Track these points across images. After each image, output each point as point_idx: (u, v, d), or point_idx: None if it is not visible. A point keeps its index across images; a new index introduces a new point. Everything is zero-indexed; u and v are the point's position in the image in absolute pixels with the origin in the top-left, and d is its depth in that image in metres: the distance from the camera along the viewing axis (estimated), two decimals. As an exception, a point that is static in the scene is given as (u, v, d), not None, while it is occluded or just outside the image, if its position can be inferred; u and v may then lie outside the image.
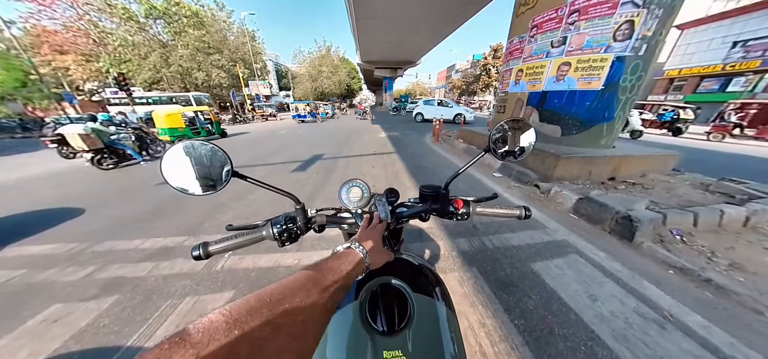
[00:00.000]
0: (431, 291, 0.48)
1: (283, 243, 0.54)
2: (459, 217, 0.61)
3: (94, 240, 2.28)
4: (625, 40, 3.07)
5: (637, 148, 4.23)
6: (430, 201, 0.64)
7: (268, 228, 0.53)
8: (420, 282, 0.49)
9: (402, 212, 0.64)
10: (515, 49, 4.58)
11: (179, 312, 1.44)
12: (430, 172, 4.25)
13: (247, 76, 24.01)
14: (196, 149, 0.41)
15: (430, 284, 0.50)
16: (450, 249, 1.98)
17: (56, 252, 2.17)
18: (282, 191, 0.52)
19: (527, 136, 0.56)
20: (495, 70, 33.24)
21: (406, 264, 0.55)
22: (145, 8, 19.09)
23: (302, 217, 0.55)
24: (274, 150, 6.53)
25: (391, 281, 0.45)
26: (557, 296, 1.51)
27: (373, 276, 0.47)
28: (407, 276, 0.49)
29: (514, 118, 0.56)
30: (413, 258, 0.57)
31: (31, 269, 1.95)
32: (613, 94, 3.36)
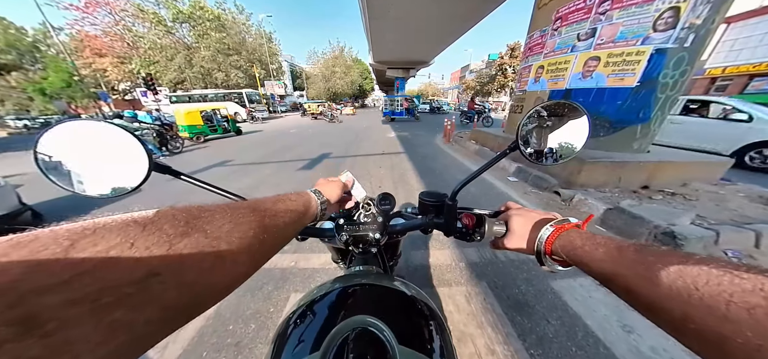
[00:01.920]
0: (425, 342, 0.34)
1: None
2: (469, 238, 0.46)
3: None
4: (667, 30, 2.70)
5: (676, 153, 3.76)
6: (433, 214, 0.50)
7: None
8: (411, 328, 0.36)
9: (396, 224, 0.51)
10: (536, 44, 4.26)
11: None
12: (439, 173, 4.05)
13: (263, 76, 24.88)
14: (96, 133, 0.29)
15: (426, 329, 0.36)
16: (457, 259, 1.80)
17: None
18: (225, 192, 0.40)
19: (576, 128, 0.37)
20: (512, 69, 31.90)
21: (394, 297, 0.41)
22: (173, 13, 20.36)
23: None
24: (283, 148, 6.61)
25: (370, 325, 0.31)
26: (582, 323, 1.29)
27: (346, 310, 0.35)
28: (393, 314, 0.36)
29: (557, 101, 0.38)
30: (407, 286, 0.44)
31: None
32: (650, 91, 2.98)
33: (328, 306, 0.38)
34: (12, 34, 27.63)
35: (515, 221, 0.39)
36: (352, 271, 0.51)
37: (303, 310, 0.38)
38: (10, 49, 26.97)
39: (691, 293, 0.16)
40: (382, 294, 0.41)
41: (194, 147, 7.41)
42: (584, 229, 0.32)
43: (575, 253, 0.29)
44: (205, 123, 8.51)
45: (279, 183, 3.69)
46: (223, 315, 1.36)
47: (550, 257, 0.32)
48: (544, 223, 0.34)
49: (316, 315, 0.37)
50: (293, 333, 0.35)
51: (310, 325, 0.36)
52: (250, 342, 1.22)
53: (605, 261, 0.25)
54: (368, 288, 0.42)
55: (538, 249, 0.33)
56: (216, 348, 1.20)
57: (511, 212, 0.41)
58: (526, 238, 0.36)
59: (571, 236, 0.30)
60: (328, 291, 0.40)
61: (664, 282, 0.18)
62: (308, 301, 0.39)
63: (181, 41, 21.16)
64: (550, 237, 0.32)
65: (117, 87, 24.86)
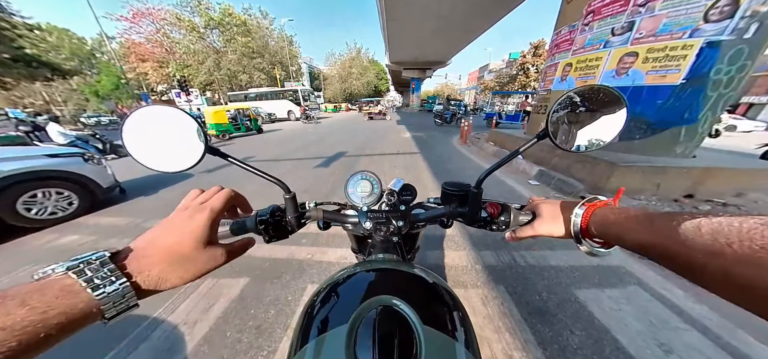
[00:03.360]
0: (449, 326, 0.34)
1: (270, 239, 0.46)
2: (494, 227, 0.46)
3: (140, 219, 2.63)
4: (722, 19, 2.40)
5: (728, 158, 3.33)
6: (456, 203, 0.50)
7: (251, 220, 0.45)
8: (434, 311, 0.35)
9: (418, 214, 0.52)
10: (563, 41, 4.01)
11: (199, 293, 1.52)
12: (455, 174, 3.97)
13: (283, 78, 26.03)
14: (164, 117, 0.34)
15: (449, 315, 0.36)
16: (473, 261, 1.76)
17: (118, 224, 2.54)
18: (268, 176, 0.44)
19: (610, 115, 0.35)
20: (535, 69, 30.23)
21: (415, 282, 0.42)
22: (205, 20, 22.03)
23: (293, 210, 0.47)
24: (302, 146, 6.87)
25: (395, 305, 0.32)
26: (611, 337, 1.20)
27: (370, 291, 0.36)
28: (416, 298, 0.36)
29: (591, 85, 0.36)
30: (426, 273, 0.44)
31: (99, 237, 2.31)
32: (698, 89, 2.67)
33: (353, 286, 0.40)
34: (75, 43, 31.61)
35: (544, 208, 0.39)
36: (372, 258, 0.52)
37: (329, 290, 0.40)
38: (73, 56, 30.91)
39: (724, 250, 0.17)
40: (404, 279, 0.42)
41: (219, 144, 7.96)
42: (615, 204, 0.31)
43: (610, 229, 0.28)
44: (230, 122, 9.12)
45: (297, 179, 3.84)
46: (245, 300, 1.46)
47: (588, 239, 0.32)
48: (574, 205, 0.34)
49: (343, 294, 0.39)
50: (321, 309, 0.37)
51: (337, 302, 0.38)
52: (269, 327, 1.28)
53: (640, 231, 0.25)
54: (391, 272, 0.43)
55: (575, 230, 0.32)
56: (238, 328, 1.28)
57: (537, 201, 0.42)
58: (559, 221, 0.35)
59: (604, 212, 0.30)
60: (353, 273, 0.42)
61: (698, 244, 0.19)
62: (333, 282, 0.41)
63: (211, 46, 22.82)
64: (585, 216, 0.31)
65: (155, 89, 27.45)
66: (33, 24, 19.25)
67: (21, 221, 2.32)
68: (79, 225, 2.53)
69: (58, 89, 36.97)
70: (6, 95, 28.91)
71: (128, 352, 1.19)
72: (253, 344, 1.20)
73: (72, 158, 2.64)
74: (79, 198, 2.63)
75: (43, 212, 2.46)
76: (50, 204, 2.48)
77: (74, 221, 2.59)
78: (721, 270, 0.17)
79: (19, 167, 2.30)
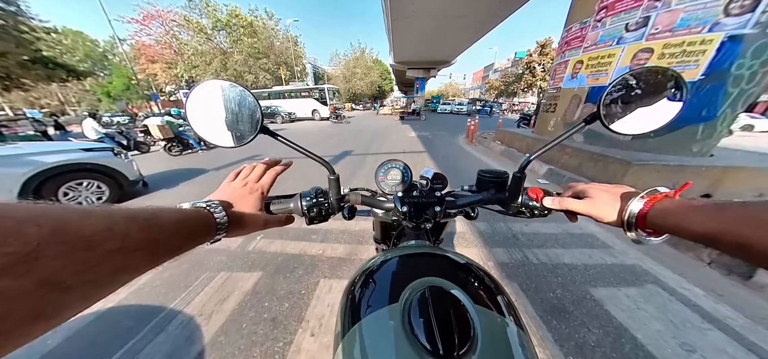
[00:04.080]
0: (497, 305, 0.34)
1: (312, 221, 0.47)
2: (536, 213, 0.45)
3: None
4: (744, 13, 2.33)
5: (748, 158, 3.22)
6: (493, 190, 0.50)
7: (296, 202, 0.46)
8: (480, 292, 0.35)
9: (452, 201, 0.51)
10: (574, 38, 3.94)
11: (214, 285, 1.55)
12: (463, 173, 3.94)
13: (288, 78, 26.27)
14: (226, 91, 0.35)
15: (494, 295, 0.36)
16: (485, 257, 1.74)
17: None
18: (315, 156, 0.45)
19: (666, 97, 0.34)
20: (541, 68, 29.76)
21: (456, 264, 0.41)
22: (212, 22, 22.40)
23: (335, 192, 0.48)
24: (306, 144, 6.91)
25: (444, 284, 0.32)
26: (630, 335, 1.17)
27: (414, 274, 0.36)
28: (460, 279, 0.36)
29: (650, 68, 0.35)
30: (456, 255, 0.43)
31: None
32: (718, 85, 2.59)
33: (394, 270, 0.40)
34: (88, 45, 32.57)
35: (596, 192, 0.37)
36: (406, 244, 0.53)
37: (368, 275, 0.40)
38: (86, 58, 31.87)
39: None
40: (445, 262, 0.42)
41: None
42: (676, 197, 0.31)
43: (669, 220, 0.28)
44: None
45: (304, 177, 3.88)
46: (259, 293, 1.48)
47: (640, 229, 0.31)
48: (631, 195, 0.33)
49: (385, 277, 0.39)
50: (366, 291, 0.37)
51: (382, 285, 0.38)
52: (284, 320, 1.30)
53: (707, 221, 0.24)
54: (430, 256, 0.43)
55: (629, 219, 0.32)
56: (254, 321, 1.30)
57: (589, 186, 0.40)
58: (613, 208, 0.34)
59: (663, 204, 0.30)
60: (390, 258, 0.41)
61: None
62: (370, 268, 0.41)
63: (218, 47, 23.21)
64: (643, 210, 0.31)
65: (164, 89, 28.08)
66: (50, 27, 19.92)
67: None
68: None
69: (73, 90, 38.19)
70: (24, 96, 30.00)
71: (147, 342, 1.22)
72: (269, 335, 1.22)
73: (104, 152, 2.87)
74: (109, 189, 2.86)
75: (81, 202, 2.68)
76: (86, 193, 2.74)
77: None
78: None
79: (62, 159, 2.53)
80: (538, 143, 4.39)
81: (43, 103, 39.37)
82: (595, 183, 0.39)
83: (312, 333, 1.22)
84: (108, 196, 2.86)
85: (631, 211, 0.31)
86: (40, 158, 2.44)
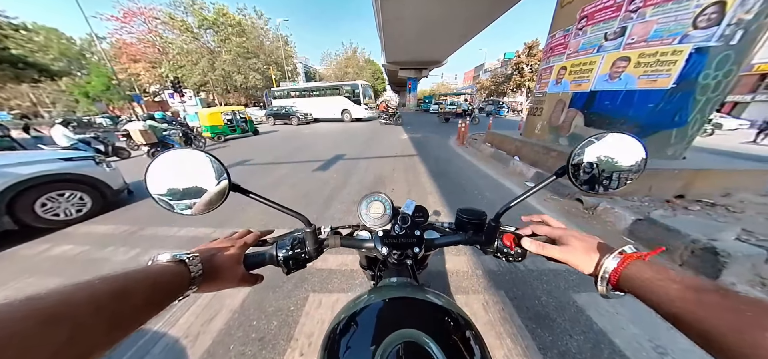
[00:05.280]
0: (470, 353, 0.35)
1: (289, 271, 0.47)
2: (511, 258, 0.46)
3: (143, 224, 2.58)
4: (710, 26, 2.48)
5: (717, 159, 3.44)
6: (472, 231, 0.51)
7: (271, 252, 0.46)
8: (454, 342, 0.36)
9: (435, 239, 0.53)
10: (558, 45, 4.08)
11: (200, 304, 1.51)
12: (454, 176, 4.00)
13: (278, 78, 25.80)
14: (186, 160, 0.35)
15: (467, 344, 0.37)
16: (474, 266, 1.78)
17: (113, 233, 2.49)
18: (290, 211, 0.44)
19: (630, 158, 0.38)
20: (529, 68, 30.62)
21: (433, 310, 0.42)
22: (199, 20, 21.69)
23: (312, 241, 0.48)
24: (298, 148, 6.82)
25: (419, 339, 0.33)
26: (609, 340, 1.23)
27: (392, 322, 0.37)
28: (435, 328, 0.37)
29: (610, 131, 0.39)
30: (439, 298, 0.45)
31: (93, 246, 2.26)
32: (688, 93, 2.75)
33: (373, 317, 0.40)
34: (64, 44, 30.79)
35: (574, 241, 0.38)
36: (387, 282, 0.53)
37: (348, 321, 0.40)
38: (62, 57, 30.10)
39: None
40: (422, 308, 0.42)
41: (215, 146, 7.85)
42: (646, 260, 0.30)
43: (644, 286, 0.27)
44: (226, 123, 9.01)
45: (295, 184, 3.81)
46: (247, 311, 1.45)
47: (610, 284, 0.31)
48: (606, 251, 0.33)
49: (364, 326, 0.39)
50: (342, 342, 0.37)
51: (358, 335, 0.38)
52: (272, 339, 1.28)
53: (680, 300, 0.23)
54: (409, 301, 0.43)
55: (604, 275, 0.32)
56: (242, 341, 1.28)
57: (567, 233, 0.40)
58: (591, 261, 0.35)
59: (638, 267, 0.29)
60: (370, 304, 0.42)
61: (758, 339, 0.17)
62: (351, 313, 0.41)
63: (205, 46, 22.49)
64: (618, 268, 0.31)
65: (148, 89, 26.91)
66: (18, 24, 18.66)
67: (39, 222, 2.42)
68: (67, 235, 2.48)
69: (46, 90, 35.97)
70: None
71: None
72: (257, 356, 1.19)
73: (85, 161, 2.74)
74: (92, 200, 2.74)
75: (59, 214, 2.55)
76: (66, 205, 2.59)
77: (66, 231, 2.54)
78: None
79: (38, 171, 2.39)
80: (525, 146, 4.52)
81: (12, 103, 36.87)
82: (572, 231, 0.40)
83: (301, 352, 1.21)
84: (90, 207, 2.73)
85: (606, 268, 0.31)
86: (14, 169, 2.29)
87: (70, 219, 2.61)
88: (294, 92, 16.85)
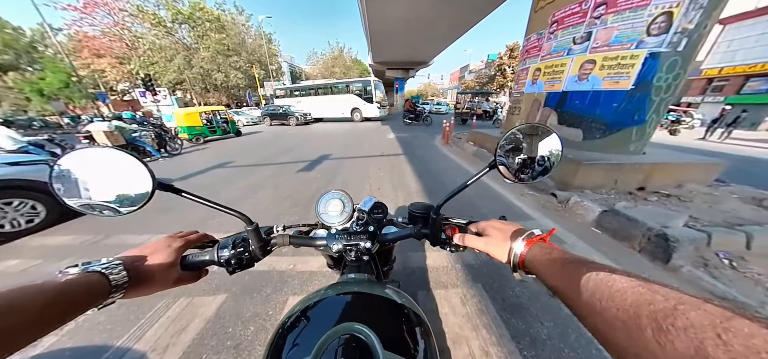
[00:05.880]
0: (411, 348, 0.36)
1: (233, 270, 0.45)
2: (452, 249, 0.48)
3: (107, 233, 2.38)
4: (660, 34, 2.74)
5: (671, 154, 3.80)
6: (421, 224, 0.53)
7: (213, 254, 0.44)
8: (397, 334, 0.37)
9: (387, 234, 0.54)
10: (533, 47, 4.29)
11: (171, 314, 1.42)
12: (437, 174, 4.09)
13: (262, 77, 24.86)
14: (102, 158, 0.32)
15: (412, 337, 0.38)
16: (453, 260, 1.83)
17: (72, 244, 2.27)
18: (227, 209, 0.42)
19: (550, 148, 0.40)
20: (511, 70, 32.00)
21: (383, 304, 0.43)
22: (172, 14, 20.32)
23: (256, 240, 0.46)
24: (283, 150, 6.63)
25: (358, 332, 0.33)
26: (575, 324, 1.32)
27: (338, 317, 0.37)
28: (381, 322, 0.38)
29: (530, 124, 0.41)
30: (397, 294, 0.45)
31: (46, 259, 2.05)
32: (645, 94, 3.02)
33: (320, 312, 0.40)
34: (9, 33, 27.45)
35: (493, 231, 0.40)
36: (345, 278, 0.53)
37: (297, 316, 0.40)
38: (7, 49, 26.85)
39: (595, 306, 0.20)
40: (371, 302, 0.43)
41: (193, 148, 7.42)
42: (547, 242, 0.33)
43: (535, 266, 0.31)
44: (205, 124, 8.54)
45: (278, 185, 3.70)
46: (222, 318, 1.39)
47: (521, 269, 0.33)
48: (517, 235, 0.35)
49: (310, 321, 0.39)
50: (288, 338, 0.37)
51: (303, 330, 0.38)
52: (248, 345, 1.24)
53: (554, 275, 0.27)
54: (358, 296, 0.44)
55: (514, 261, 0.34)
56: (215, 350, 1.22)
57: (489, 224, 0.42)
58: (504, 249, 0.36)
59: (534, 250, 0.32)
60: (322, 299, 0.42)
61: (584, 297, 0.21)
62: (302, 308, 0.41)
63: (181, 42, 21.13)
64: (523, 252, 0.33)
65: (115, 87, 24.79)
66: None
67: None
68: (14, 248, 2.23)
69: (-10, 87, 31.87)
70: None
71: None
72: (231, 365, 1.15)
73: (36, 166, 2.48)
74: (46, 209, 2.48)
75: (4, 225, 2.30)
76: (14, 215, 2.33)
77: (13, 244, 2.28)
78: (591, 323, 0.20)
79: None
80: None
81: (-52, 102, 32.30)
82: (492, 222, 0.42)
83: (278, 357, 1.18)
84: (45, 217, 2.46)
85: (515, 253, 0.34)
86: None
87: (18, 230, 2.35)
88: (297, 91, 15.82)
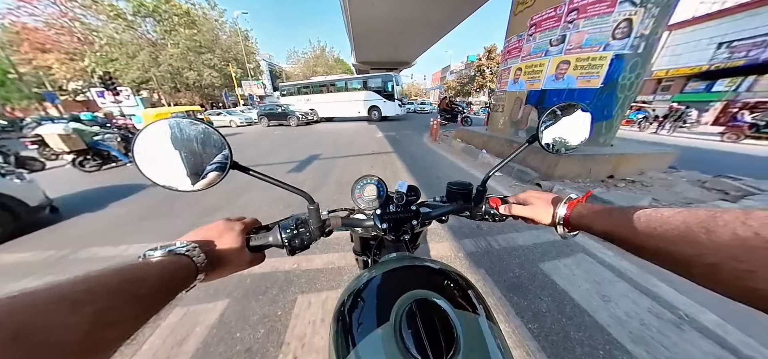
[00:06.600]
0: (471, 304, 0.39)
1: (293, 251, 0.45)
2: (496, 218, 0.53)
3: (75, 246, 2.13)
4: (623, 38, 3.08)
5: (634, 146, 4.27)
6: (461, 200, 0.56)
7: (275, 234, 0.44)
8: (456, 295, 0.39)
9: (427, 213, 0.56)
10: (513, 48, 4.57)
11: (167, 325, 1.33)
12: (429, 168, 4.19)
13: (240, 76, 23.58)
14: (184, 130, 0.32)
15: (467, 295, 0.40)
16: (456, 250, 1.91)
17: (32, 260, 2.01)
18: (293, 188, 0.43)
19: (581, 124, 0.47)
20: (489, 71, 33.58)
21: (434, 272, 0.45)
22: (134, 6, 18.53)
23: (316, 220, 0.47)
24: (270, 150, 6.37)
25: (429, 296, 0.35)
26: (569, 297, 1.45)
27: (399, 288, 0.38)
28: (439, 286, 0.40)
29: (569, 103, 0.48)
30: (437, 264, 0.47)
31: (3, 279, 1.79)
32: (612, 92, 3.37)
33: (381, 287, 0.42)
34: (-77, 24, 23.20)
35: (536, 200, 0.47)
36: (386, 258, 0.55)
37: (355, 296, 0.41)
38: None
39: (653, 232, 0.25)
40: (426, 272, 0.45)
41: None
42: (584, 202, 0.40)
43: (582, 221, 0.37)
44: (179, 126, 7.93)
45: (268, 186, 3.56)
46: (228, 323, 1.32)
47: (563, 227, 0.41)
48: (558, 201, 0.42)
49: (373, 297, 0.40)
50: (356, 315, 0.38)
51: (370, 305, 0.39)
52: (261, 348, 1.20)
53: (603, 224, 0.33)
54: (411, 269, 0.45)
55: (559, 221, 0.41)
56: (225, 356, 1.17)
57: (529, 194, 0.49)
58: (548, 213, 0.43)
59: (578, 209, 0.38)
60: (373, 277, 0.43)
61: (640, 230, 0.26)
62: (356, 289, 0.42)
63: (145, 37, 19.34)
64: (566, 214, 0.40)
65: (66, 86, 21.99)
66: None
67: None
68: (-33, 268, 1.93)
69: None
70: None
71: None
72: (245, 368, 1.11)
73: None
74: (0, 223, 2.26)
75: None
76: None
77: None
78: (652, 246, 0.25)
79: None
80: (492, 140, 4.96)
81: None
82: (532, 191, 0.49)
83: (294, 356, 1.16)
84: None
85: (560, 215, 0.40)
86: None
87: None
88: (306, 88, 14.73)
